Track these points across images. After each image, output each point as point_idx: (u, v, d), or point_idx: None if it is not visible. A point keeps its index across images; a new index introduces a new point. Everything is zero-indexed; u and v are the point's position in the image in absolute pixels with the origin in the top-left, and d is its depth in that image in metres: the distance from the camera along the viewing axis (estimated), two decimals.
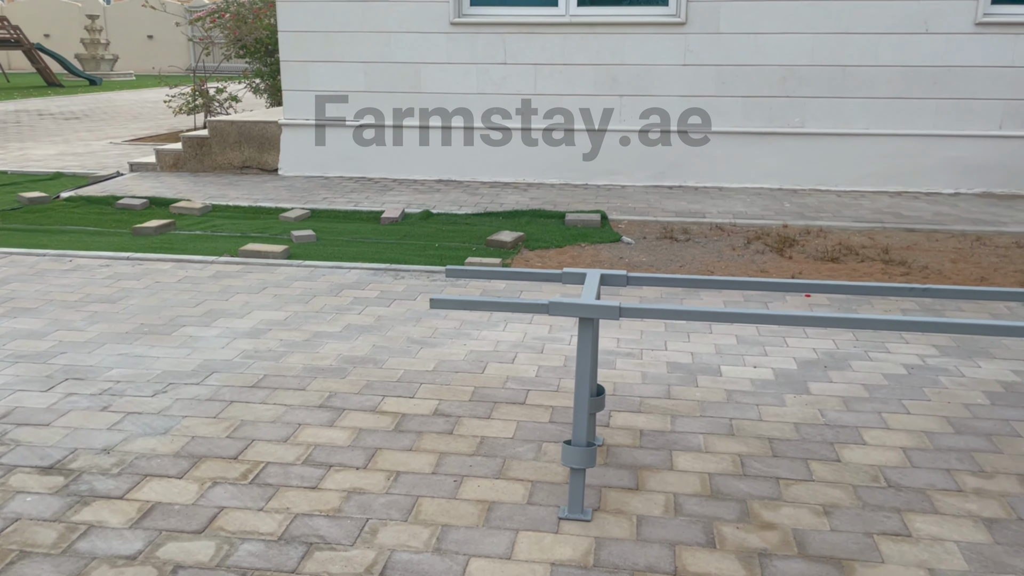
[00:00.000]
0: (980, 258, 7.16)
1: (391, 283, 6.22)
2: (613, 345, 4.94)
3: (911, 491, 3.32)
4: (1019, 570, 2.81)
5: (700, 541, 2.99)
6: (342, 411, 4.04)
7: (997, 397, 4.21)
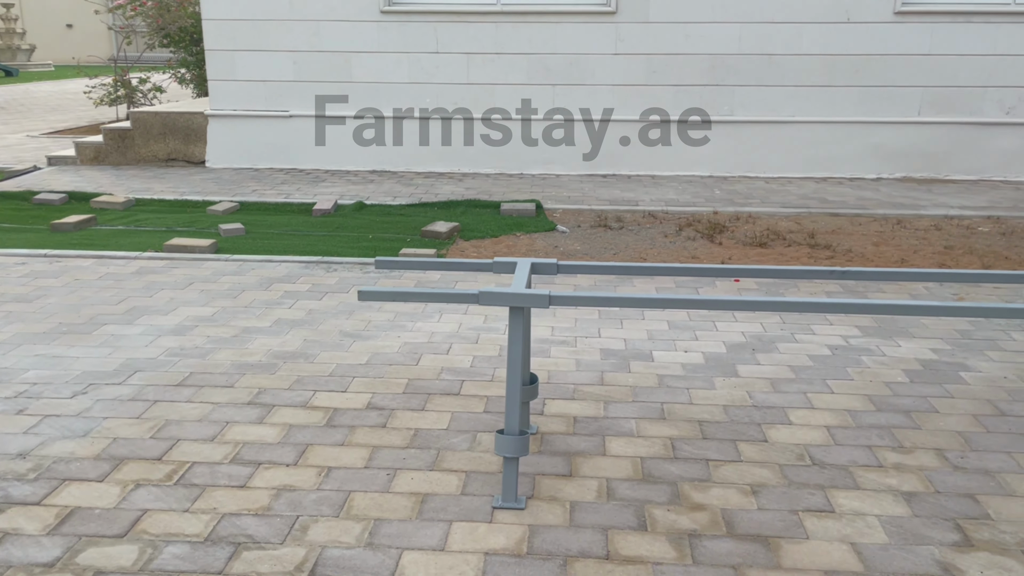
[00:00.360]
0: (901, 241, 7.40)
1: (323, 276, 6.13)
2: (548, 334, 4.95)
3: (834, 468, 3.42)
4: (936, 541, 2.91)
5: (632, 525, 3.03)
6: (272, 407, 3.96)
7: (916, 375, 4.36)
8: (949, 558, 2.82)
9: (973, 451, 3.55)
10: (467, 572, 2.74)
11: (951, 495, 3.21)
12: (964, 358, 4.59)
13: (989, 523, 3.02)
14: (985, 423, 3.81)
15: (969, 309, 2.96)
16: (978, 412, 3.92)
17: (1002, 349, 4.71)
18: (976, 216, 8.27)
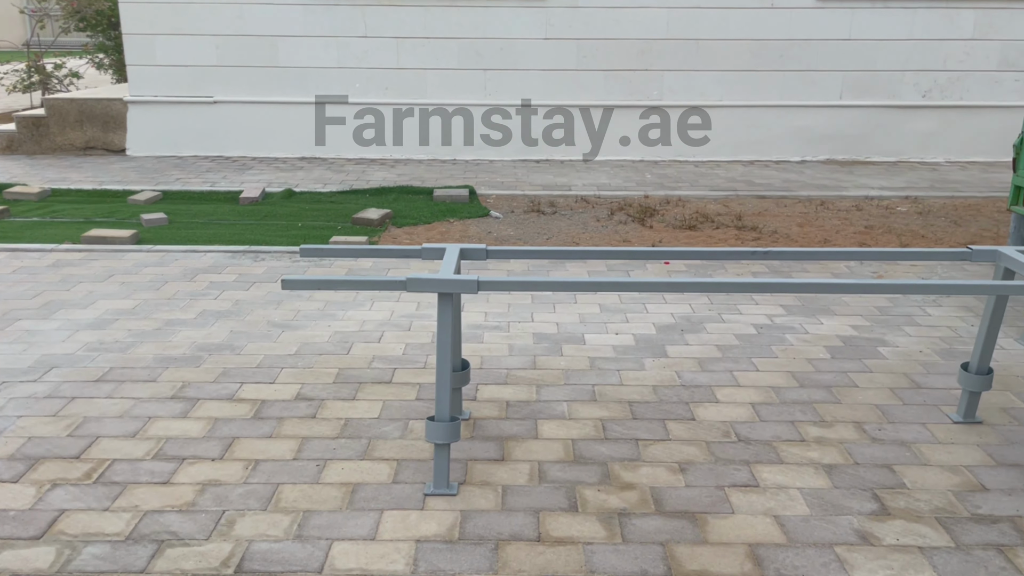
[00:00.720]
0: (824, 221, 7.61)
1: (250, 266, 5.99)
2: (481, 319, 4.94)
3: (759, 444, 3.50)
4: (855, 511, 3.01)
5: (563, 506, 3.05)
6: (196, 401, 3.86)
7: (837, 351, 4.50)
8: (867, 527, 2.92)
9: (890, 423, 3.68)
10: (398, 560, 2.72)
11: (869, 466, 3.32)
12: (883, 334, 4.75)
13: (905, 492, 3.14)
14: (902, 396, 3.95)
15: (887, 287, 3.06)
16: (895, 385, 4.06)
17: (918, 324, 4.89)
18: (895, 196, 8.56)
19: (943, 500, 3.08)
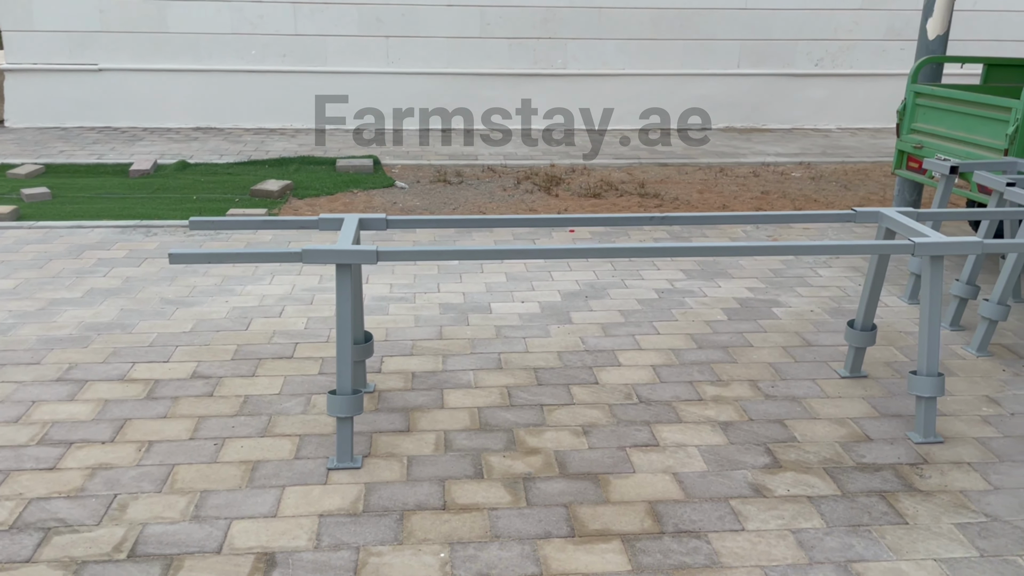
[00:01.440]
0: (723, 187, 7.82)
1: (142, 241, 5.73)
2: (386, 291, 4.88)
3: (659, 404, 3.59)
4: (749, 465, 3.13)
5: (469, 473, 3.06)
6: (84, 383, 3.69)
7: (733, 313, 4.64)
8: (760, 480, 3.04)
9: (782, 380, 3.83)
10: (300, 536, 2.68)
11: (762, 422, 3.45)
12: (776, 295, 4.93)
13: (795, 445, 3.28)
14: (793, 354, 4.11)
15: (778, 248, 3.16)
16: (788, 344, 4.22)
17: (810, 285, 5.09)
18: (789, 163, 8.86)
19: (831, 451, 3.23)
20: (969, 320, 4.61)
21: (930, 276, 3.24)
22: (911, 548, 2.67)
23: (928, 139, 5.57)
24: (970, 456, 3.22)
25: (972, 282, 4.43)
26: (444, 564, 2.56)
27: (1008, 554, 2.65)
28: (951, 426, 3.45)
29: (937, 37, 5.92)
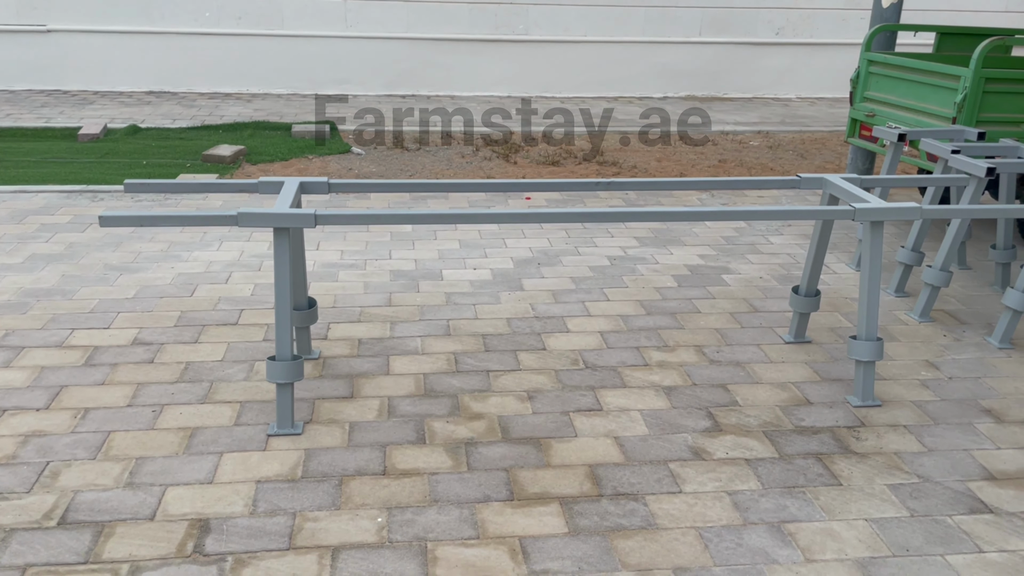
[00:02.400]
0: (681, 156, 7.82)
1: (88, 206, 5.60)
2: (336, 258, 4.82)
3: (605, 370, 3.61)
4: (690, 429, 3.16)
5: (411, 439, 3.05)
6: (21, 349, 3.60)
7: (684, 279, 4.66)
8: (700, 443, 3.07)
9: (728, 345, 3.86)
10: (236, 502, 2.66)
11: (706, 386, 3.48)
12: (727, 262, 4.95)
13: (736, 409, 3.32)
14: (740, 319, 4.15)
15: (723, 213, 3.16)
16: (735, 310, 4.26)
17: (761, 252, 5.13)
18: (748, 131, 8.88)
19: (771, 415, 3.27)
20: (913, 287, 4.68)
21: (870, 241, 3.27)
22: (843, 509, 2.72)
23: (880, 107, 5.61)
24: (906, 419, 3.28)
25: (917, 249, 4.49)
26: (381, 528, 2.56)
27: (938, 514, 2.72)
28: (889, 390, 3.51)
29: (891, 5, 5.93)
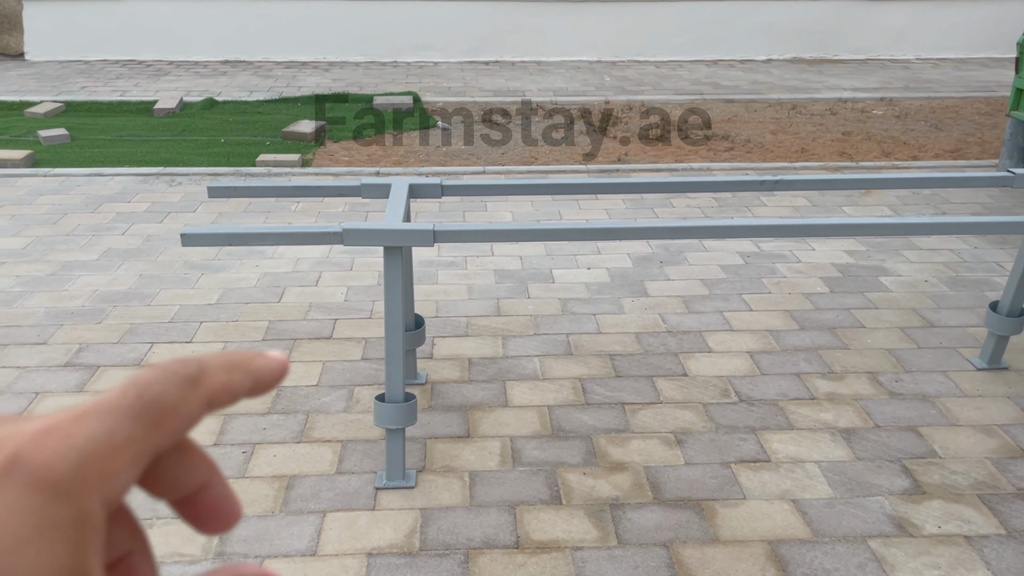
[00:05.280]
0: (798, 127, 7.06)
1: (165, 192, 5.22)
2: (433, 255, 4.33)
3: (763, 404, 3.03)
4: (884, 490, 2.57)
5: (544, 497, 2.54)
6: (96, 368, 3.22)
7: (835, 283, 4.02)
8: (902, 511, 2.49)
9: (907, 372, 3.23)
10: None
11: (892, 429, 2.88)
12: (881, 260, 4.28)
13: (937, 462, 2.71)
14: (914, 337, 3.50)
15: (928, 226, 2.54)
16: (905, 324, 3.61)
17: (918, 248, 4.43)
18: (869, 99, 8.03)
19: (982, 471, 2.66)
20: None
21: None
22: None
23: None
24: None
25: None
26: None
27: None
28: None
29: None
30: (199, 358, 0.31)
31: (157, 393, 0.28)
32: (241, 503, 0.34)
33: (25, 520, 0.24)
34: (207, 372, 0.30)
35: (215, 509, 0.32)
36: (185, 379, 0.29)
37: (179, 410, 0.29)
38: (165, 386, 0.29)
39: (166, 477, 0.31)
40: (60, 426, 0.27)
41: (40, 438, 0.26)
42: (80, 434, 0.26)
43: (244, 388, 0.31)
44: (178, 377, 0.29)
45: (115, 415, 0.27)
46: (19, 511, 0.24)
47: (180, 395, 0.29)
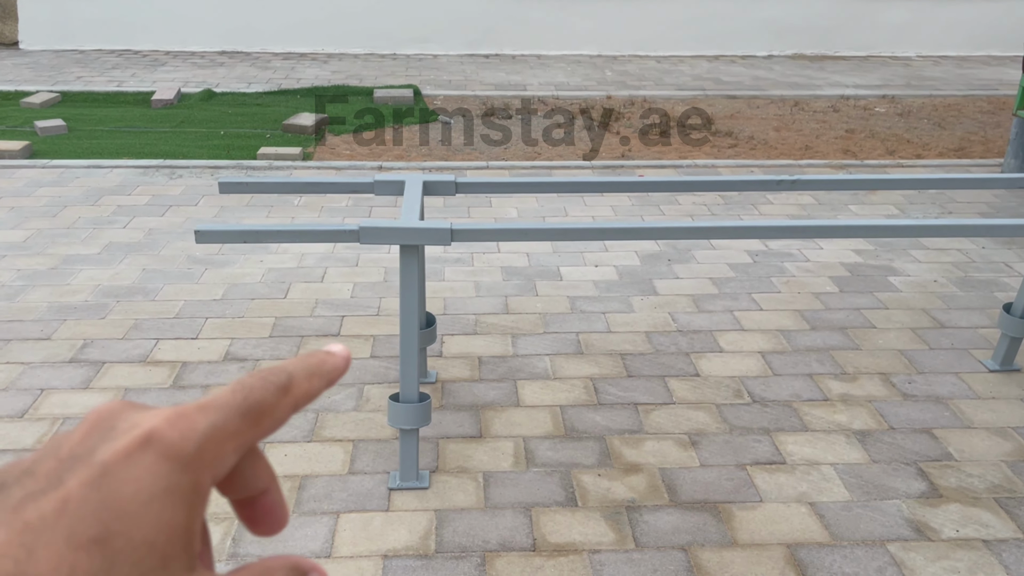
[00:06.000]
0: (801, 124, 7.05)
1: (165, 184, 5.16)
2: (439, 251, 4.29)
3: (777, 405, 3.01)
4: (901, 493, 2.56)
5: (559, 499, 2.52)
6: (101, 365, 3.17)
7: (844, 283, 4.01)
8: (919, 515, 2.47)
9: (920, 373, 3.22)
10: None
11: (907, 432, 2.87)
12: (889, 259, 4.27)
13: (953, 465, 2.70)
14: (925, 338, 3.49)
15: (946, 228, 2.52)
16: (916, 325, 3.60)
17: (926, 247, 4.42)
18: (871, 96, 8.01)
19: (998, 475, 2.65)
20: None
21: None
22: None
23: None
24: None
25: None
26: None
27: None
28: None
29: None
30: (286, 367, 0.36)
31: (259, 397, 0.34)
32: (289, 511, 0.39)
33: (157, 481, 0.30)
34: (295, 380, 0.36)
35: (270, 513, 0.38)
36: (279, 387, 0.35)
37: (274, 413, 0.35)
38: (264, 392, 0.34)
39: (237, 477, 0.36)
40: (187, 414, 0.32)
41: (173, 420, 0.32)
42: (202, 422, 0.32)
43: (321, 390, 0.37)
44: (274, 385, 0.35)
45: (227, 411, 0.33)
46: (153, 474, 0.30)
47: (275, 400, 0.34)
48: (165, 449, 0.31)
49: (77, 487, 0.29)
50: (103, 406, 0.33)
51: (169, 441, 0.31)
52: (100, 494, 0.29)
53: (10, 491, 0.29)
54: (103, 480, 0.29)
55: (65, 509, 0.29)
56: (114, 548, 0.29)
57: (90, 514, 0.29)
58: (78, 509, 0.29)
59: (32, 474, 0.30)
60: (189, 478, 0.31)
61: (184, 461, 0.31)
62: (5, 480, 0.30)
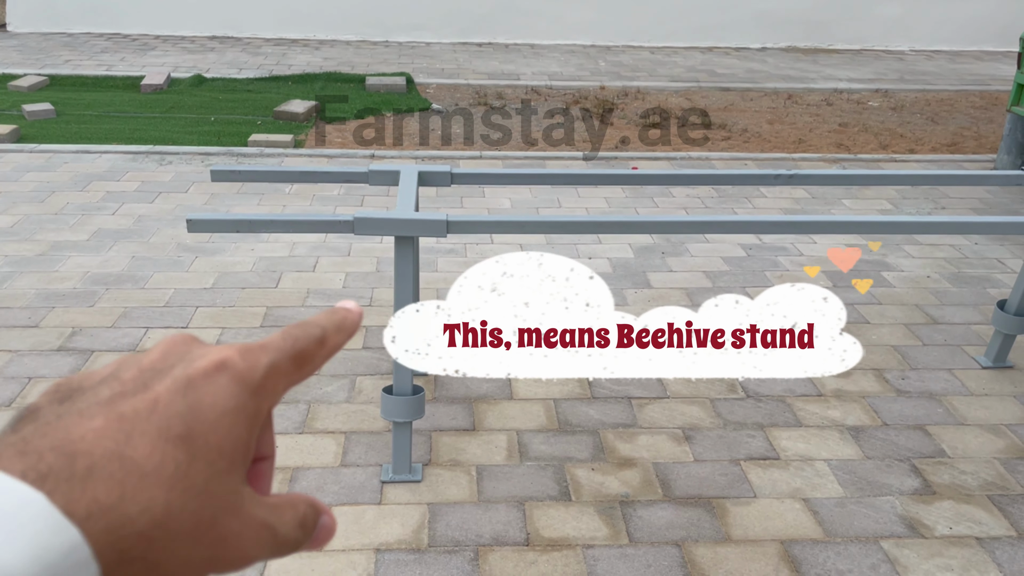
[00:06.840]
0: (795, 118, 7.04)
1: (155, 170, 5.10)
2: (432, 242, 4.26)
3: (770, 400, 3.01)
4: (895, 490, 2.56)
5: (552, 493, 2.51)
6: (90, 354, 3.14)
7: (837, 277, 4.00)
8: (912, 511, 2.47)
9: (913, 369, 3.22)
10: None
11: (900, 428, 2.87)
12: (883, 255, 4.27)
13: (947, 462, 2.70)
14: (919, 334, 3.49)
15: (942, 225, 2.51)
16: (909, 321, 3.60)
17: (919, 243, 4.42)
18: (864, 90, 8.02)
19: (991, 472, 2.65)
20: None
21: None
22: None
23: None
24: None
25: None
26: None
27: None
28: None
29: None
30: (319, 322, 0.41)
31: (303, 347, 0.39)
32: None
33: (230, 400, 0.35)
34: (327, 334, 0.41)
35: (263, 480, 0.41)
36: (317, 339, 0.40)
37: (313, 360, 0.40)
38: (308, 342, 0.40)
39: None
40: (252, 350, 0.37)
41: (243, 353, 0.37)
42: (264, 359, 0.37)
43: (344, 343, 0.42)
44: (314, 337, 0.40)
45: (281, 353, 0.38)
46: (227, 394, 0.35)
47: (315, 350, 0.40)
48: (237, 375, 0.36)
49: (165, 392, 0.34)
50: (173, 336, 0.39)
51: (241, 368, 0.36)
52: (186, 400, 0.34)
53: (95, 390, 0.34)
54: (188, 390, 0.34)
55: (156, 408, 0.33)
56: (196, 446, 0.33)
57: (176, 415, 0.33)
58: (166, 409, 0.33)
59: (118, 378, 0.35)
60: (254, 403, 0.36)
61: (252, 387, 0.36)
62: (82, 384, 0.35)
